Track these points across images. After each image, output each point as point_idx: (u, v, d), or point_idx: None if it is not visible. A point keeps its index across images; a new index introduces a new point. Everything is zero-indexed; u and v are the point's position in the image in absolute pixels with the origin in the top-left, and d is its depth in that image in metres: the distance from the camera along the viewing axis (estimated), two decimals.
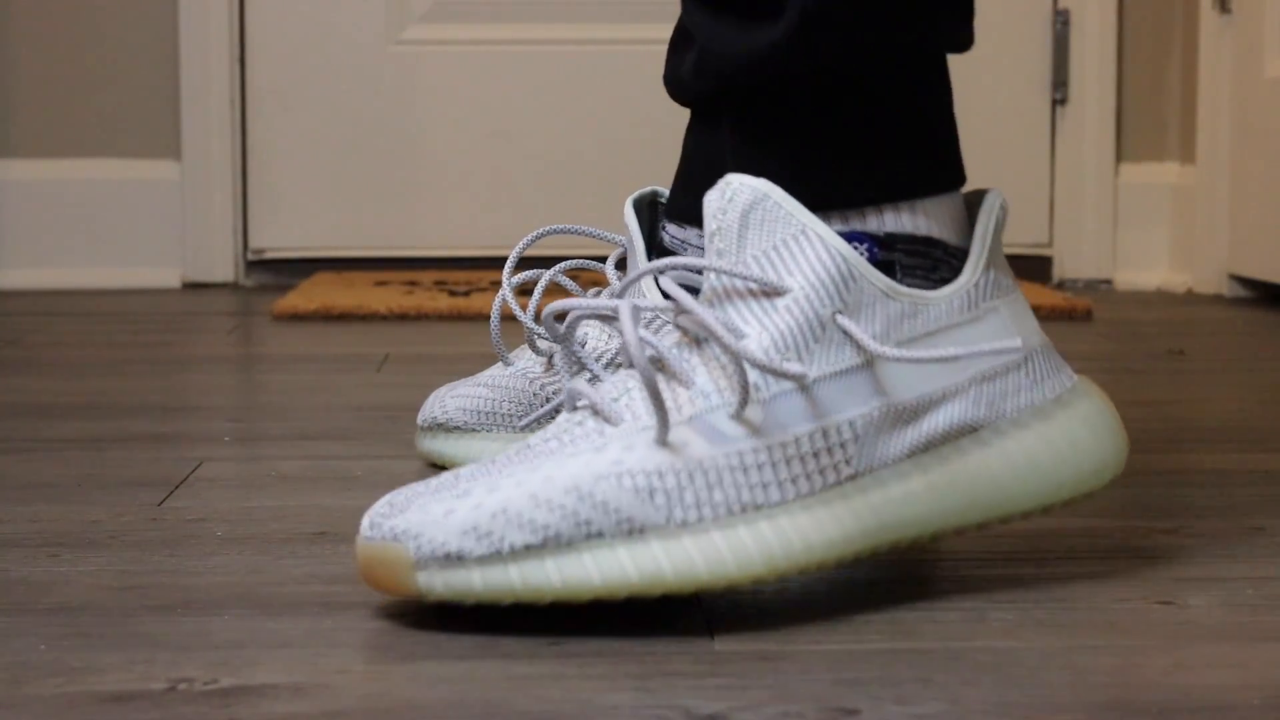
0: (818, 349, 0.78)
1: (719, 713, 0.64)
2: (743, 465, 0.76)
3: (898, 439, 0.79)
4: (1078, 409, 0.84)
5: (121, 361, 1.69)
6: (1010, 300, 0.84)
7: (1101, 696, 0.67)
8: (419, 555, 0.74)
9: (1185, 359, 1.73)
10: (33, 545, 0.90)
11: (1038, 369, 0.84)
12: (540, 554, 0.74)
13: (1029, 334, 0.84)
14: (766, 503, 0.76)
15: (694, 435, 0.76)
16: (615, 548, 0.74)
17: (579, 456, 0.76)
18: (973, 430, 0.81)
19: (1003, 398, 0.82)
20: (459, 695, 0.67)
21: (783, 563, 0.76)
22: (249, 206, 2.52)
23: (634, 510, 0.74)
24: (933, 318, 0.80)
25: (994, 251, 0.84)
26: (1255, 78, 2.26)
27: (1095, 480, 0.85)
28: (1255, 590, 0.82)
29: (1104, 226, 2.53)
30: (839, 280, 0.78)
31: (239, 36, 2.50)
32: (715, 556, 0.75)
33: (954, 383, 0.81)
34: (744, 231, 0.78)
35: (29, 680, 0.68)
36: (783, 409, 0.77)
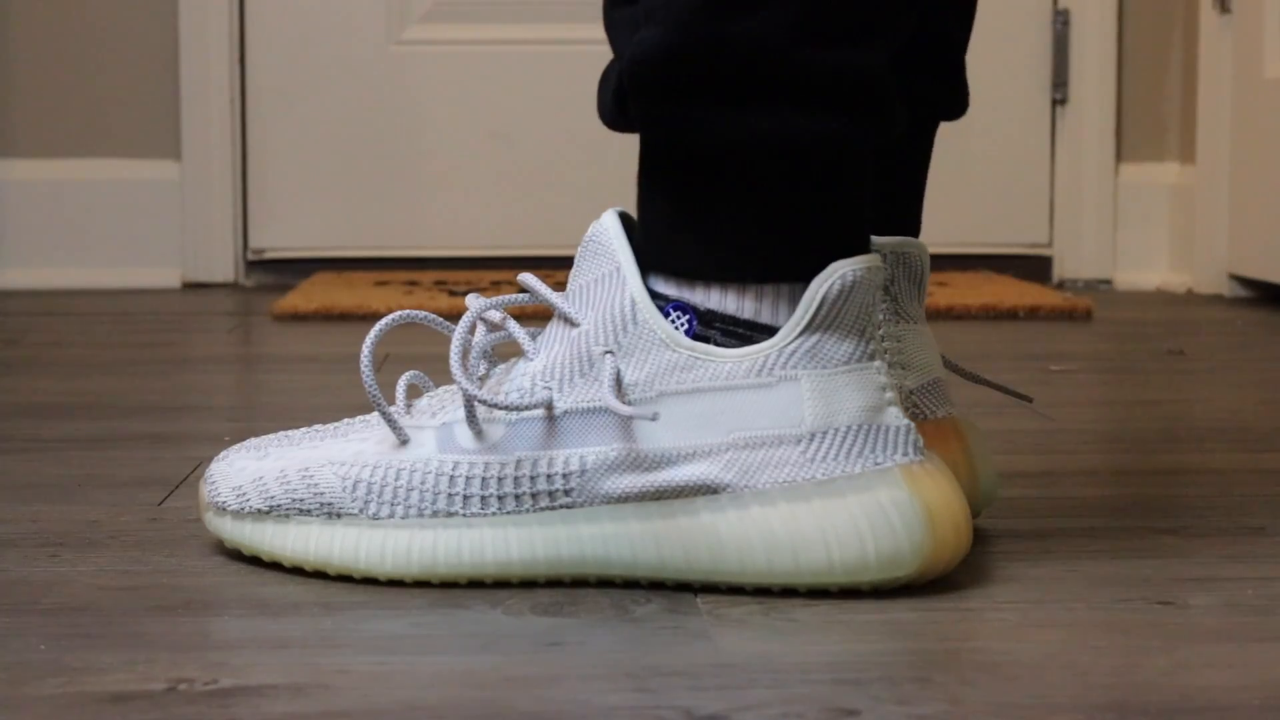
0: (580, 383, 0.81)
1: (719, 713, 0.64)
2: (453, 473, 0.82)
3: (628, 481, 0.80)
4: (855, 497, 0.79)
5: (121, 362, 1.68)
6: (827, 374, 0.80)
7: (1102, 697, 0.67)
8: (208, 499, 0.88)
9: (1185, 359, 1.73)
10: (32, 545, 0.90)
11: (821, 449, 0.79)
12: (265, 519, 0.85)
13: (835, 413, 0.80)
14: (462, 511, 0.82)
15: (431, 439, 0.83)
16: (313, 526, 0.84)
17: (342, 442, 0.86)
18: (713, 492, 0.80)
19: (761, 468, 0.79)
20: (459, 695, 0.67)
21: (443, 569, 0.82)
22: (249, 206, 2.52)
23: (336, 497, 0.84)
24: (710, 375, 0.80)
25: (829, 321, 0.80)
26: (1255, 78, 2.26)
27: (866, 575, 0.79)
28: (1256, 590, 0.82)
29: (1104, 226, 2.53)
30: (621, 321, 0.81)
31: (239, 36, 2.50)
32: (377, 550, 0.82)
33: (711, 441, 0.80)
34: (582, 260, 0.83)
35: (29, 680, 0.68)
36: (523, 432, 0.81)
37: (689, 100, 0.80)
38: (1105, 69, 2.52)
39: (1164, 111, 2.53)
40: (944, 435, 0.89)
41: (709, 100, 0.79)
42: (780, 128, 0.79)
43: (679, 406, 0.80)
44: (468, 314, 0.84)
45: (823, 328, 0.80)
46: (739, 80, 0.79)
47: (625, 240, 0.82)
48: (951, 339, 1.81)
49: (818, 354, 0.80)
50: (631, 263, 0.81)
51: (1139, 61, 2.53)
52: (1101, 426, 1.37)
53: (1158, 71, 2.53)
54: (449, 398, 0.85)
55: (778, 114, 0.79)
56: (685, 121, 0.80)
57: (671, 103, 0.80)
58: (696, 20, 0.79)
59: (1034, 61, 2.52)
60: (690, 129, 0.80)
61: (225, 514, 0.86)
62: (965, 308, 2.06)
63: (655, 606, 0.78)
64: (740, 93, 0.79)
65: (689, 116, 0.80)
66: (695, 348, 0.80)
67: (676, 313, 0.82)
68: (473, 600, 0.79)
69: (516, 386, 0.82)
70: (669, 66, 0.79)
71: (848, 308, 0.80)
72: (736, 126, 0.79)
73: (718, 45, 0.79)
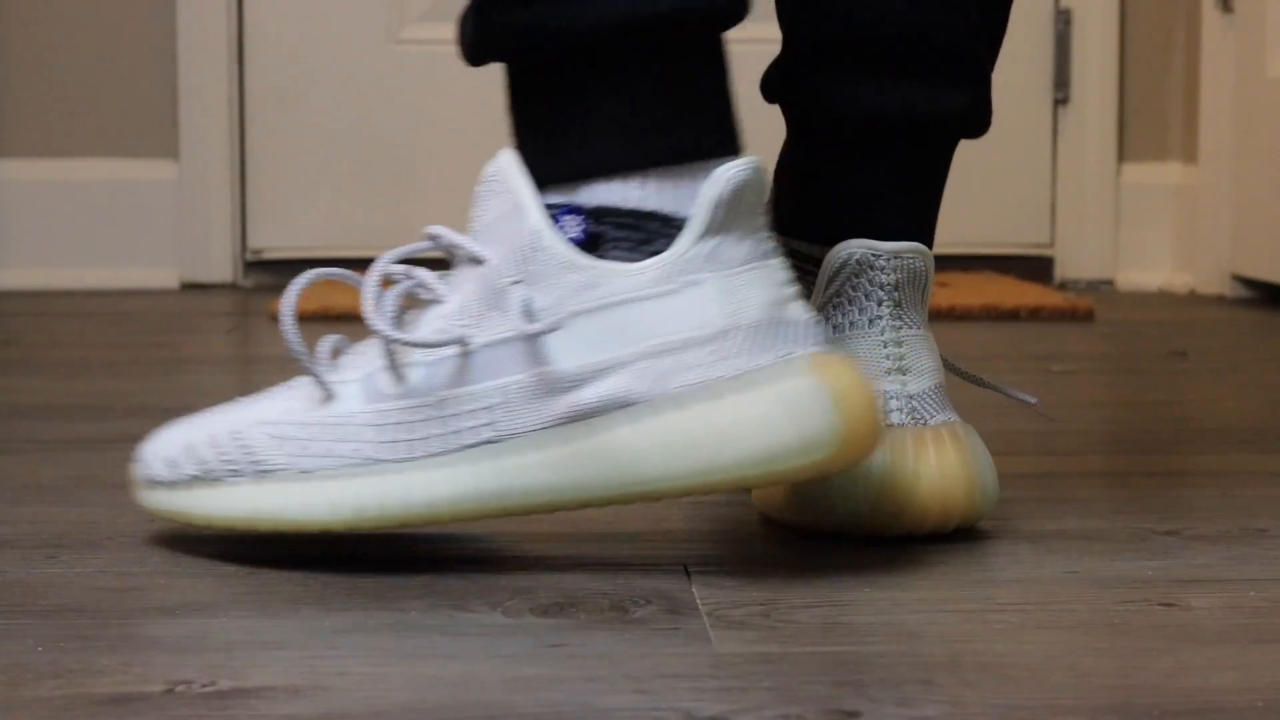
0: (494, 315, 0.82)
1: (719, 715, 0.64)
2: (380, 423, 0.83)
3: (547, 407, 0.81)
4: (766, 389, 0.80)
5: (120, 362, 1.68)
6: (729, 274, 0.81)
7: (1103, 699, 0.67)
8: (140, 475, 0.88)
9: (1187, 360, 1.73)
10: (30, 546, 0.90)
11: (727, 347, 0.80)
12: (196, 485, 0.85)
13: (740, 311, 0.81)
14: (391, 458, 0.82)
15: (358, 392, 0.84)
16: (243, 486, 0.84)
17: (269, 402, 0.87)
18: (628, 405, 0.80)
19: (671, 373, 0.80)
20: (458, 697, 0.67)
21: (374, 514, 0.82)
22: (247, 206, 2.52)
23: (266, 455, 0.84)
24: (615, 290, 0.81)
25: (726, 224, 0.81)
26: (1258, 77, 2.26)
27: (786, 462, 0.80)
28: (1258, 592, 0.82)
29: (1106, 227, 2.53)
30: (525, 252, 0.82)
31: (237, 36, 2.50)
32: (306, 502, 0.83)
33: (621, 354, 0.81)
34: (482, 202, 0.85)
35: (26, 682, 0.68)
36: (441, 371, 0.82)
37: None
38: (1107, 69, 2.52)
39: (1166, 111, 2.53)
40: (943, 441, 0.89)
41: None
42: (633, 7, 0.80)
43: (589, 324, 0.81)
44: (378, 262, 0.85)
45: (719, 230, 0.81)
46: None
47: (521, 173, 0.83)
48: (953, 340, 1.80)
49: (717, 256, 0.81)
50: (529, 193, 0.83)
51: (1141, 61, 2.53)
52: (1103, 427, 1.37)
53: (1160, 71, 2.53)
54: (368, 350, 0.86)
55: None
56: (545, 21, 0.81)
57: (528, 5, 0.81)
58: None
59: (1036, 61, 2.51)
60: (548, 25, 0.81)
61: (158, 486, 0.87)
62: (967, 308, 2.06)
63: (655, 608, 0.78)
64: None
65: (548, 14, 0.81)
66: (598, 266, 0.81)
67: (567, 217, 0.83)
68: (472, 601, 0.79)
69: (431, 329, 0.83)
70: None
71: (740, 208, 0.81)
72: (590, 12, 0.81)
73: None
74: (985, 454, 0.91)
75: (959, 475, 0.88)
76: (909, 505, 0.88)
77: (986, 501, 0.91)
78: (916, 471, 0.88)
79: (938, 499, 0.88)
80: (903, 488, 0.88)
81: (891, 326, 0.91)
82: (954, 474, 0.88)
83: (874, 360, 0.90)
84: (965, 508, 0.89)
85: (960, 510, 0.89)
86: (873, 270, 0.91)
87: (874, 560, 0.87)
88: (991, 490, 0.91)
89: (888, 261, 0.90)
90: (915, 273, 0.92)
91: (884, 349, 0.90)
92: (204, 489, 0.86)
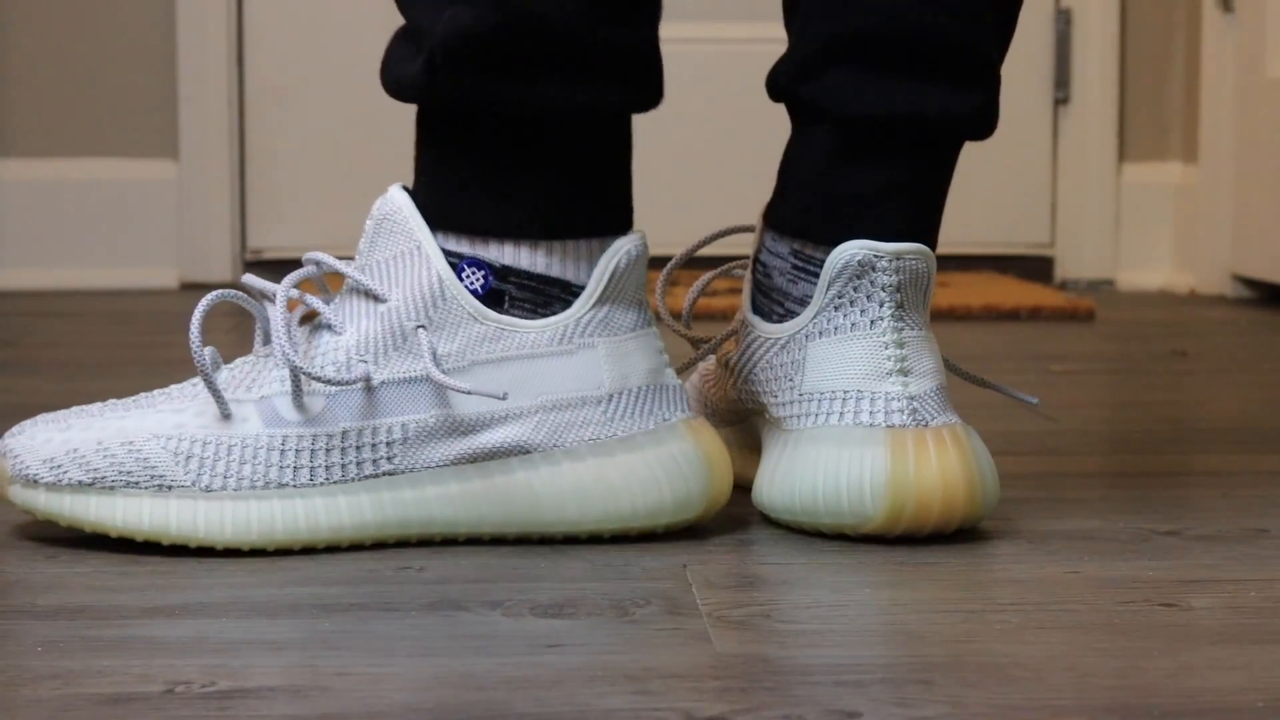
0: (395, 356, 0.88)
1: (719, 715, 0.64)
2: (282, 447, 0.87)
3: (447, 447, 0.88)
4: (651, 451, 0.89)
5: (119, 362, 1.68)
6: (618, 340, 0.89)
7: (1104, 699, 0.67)
8: (13, 472, 0.89)
9: (1188, 360, 1.73)
10: (30, 547, 0.90)
11: (619, 408, 0.89)
12: (87, 491, 0.87)
13: (628, 375, 0.89)
14: (293, 483, 0.87)
15: (255, 414, 0.88)
16: (143, 498, 0.87)
17: (156, 414, 0.89)
18: (525, 452, 0.88)
19: (567, 428, 0.88)
20: (458, 698, 0.67)
21: (281, 536, 0.87)
22: (247, 206, 2.52)
23: (167, 470, 0.87)
24: (516, 344, 0.88)
25: (617, 293, 0.89)
26: (1258, 77, 2.26)
27: (665, 518, 0.90)
28: (1258, 592, 0.82)
29: (1106, 226, 2.53)
30: (430, 298, 0.88)
31: (237, 36, 2.50)
32: (217, 520, 0.87)
33: (520, 405, 0.88)
34: (376, 238, 0.90)
35: (26, 682, 0.68)
36: (344, 403, 0.87)
37: (498, 73, 0.87)
38: (1107, 68, 2.52)
39: (1167, 111, 2.53)
40: (944, 442, 0.89)
41: (513, 75, 0.87)
42: (571, 98, 0.87)
43: (489, 374, 0.88)
44: (282, 291, 0.88)
45: (612, 299, 0.89)
46: (541, 56, 0.87)
47: (421, 218, 0.89)
48: (953, 339, 1.80)
49: (609, 323, 0.89)
50: (432, 241, 0.88)
51: (1141, 61, 2.53)
52: (1104, 427, 1.37)
53: (1160, 71, 2.53)
54: (257, 370, 0.89)
55: (569, 86, 0.87)
56: (493, 92, 0.87)
57: (482, 75, 0.87)
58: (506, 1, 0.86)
59: (1036, 61, 2.51)
60: (496, 101, 0.87)
61: (38, 486, 0.88)
62: (967, 308, 2.06)
63: (655, 608, 0.78)
64: (540, 67, 0.87)
65: (495, 89, 0.87)
66: (502, 320, 0.88)
67: (471, 269, 0.89)
68: (471, 602, 0.79)
69: (331, 360, 0.88)
70: (477, 44, 0.86)
71: (629, 279, 0.90)
72: (536, 97, 0.87)
73: (525, 23, 0.86)
74: (986, 455, 0.91)
75: (959, 477, 0.89)
76: (910, 506, 0.88)
77: (987, 503, 0.91)
78: (918, 473, 0.88)
79: (939, 500, 0.88)
80: (904, 489, 0.88)
81: (893, 328, 0.91)
82: (955, 476, 0.88)
83: (875, 362, 0.90)
84: (966, 509, 0.89)
85: (961, 511, 0.89)
86: (874, 271, 0.91)
87: (874, 560, 0.87)
88: (992, 491, 0.91)
89: (890, 263, 0.90)
90: (917, 274, 0.92)
91: (885, 350, 0.90)
92: (96, 496, 0.88)
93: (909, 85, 0.91)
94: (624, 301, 0.90)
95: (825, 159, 0.93)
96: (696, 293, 1.03)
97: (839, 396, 0.91)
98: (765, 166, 1.03)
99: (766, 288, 0.96)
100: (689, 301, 1.04)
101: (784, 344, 0.93)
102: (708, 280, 1.02)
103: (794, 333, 0.93)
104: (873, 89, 0.91)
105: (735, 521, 0.95)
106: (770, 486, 0.93)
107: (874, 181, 0.92)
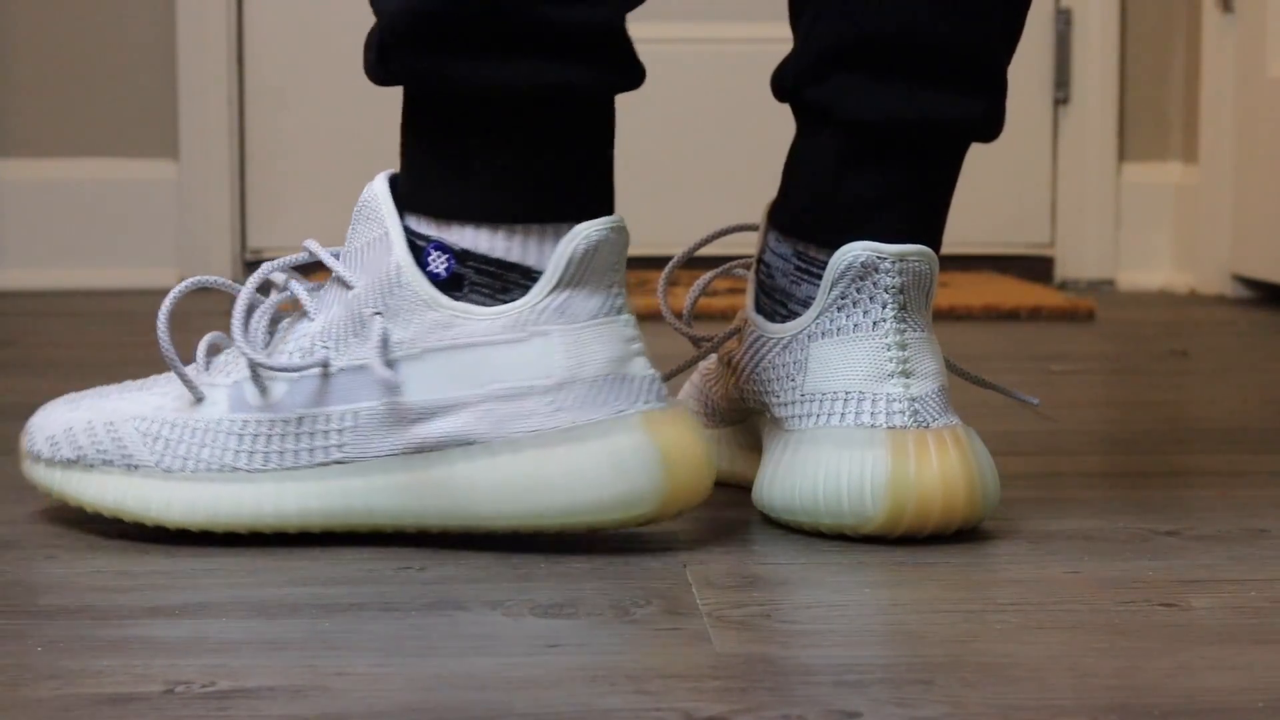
0: (355, 342, 0.88)
1: (719, 715, 0.64)
2: (240, 432, 0.88)
3: (395, 436, 0.87)
4: (596, 443, 0.86)
5: (119, 362, 1.68)
6: (577, 328, 0.86)
7: (1104, 699, 0.67)
8: (26, 448, 0.94)
9: (1188, 360, 1.73)
10: (30, 547, 0.90)
11: (566, 400, 0.86)
12: (73, 468, 0.91)
13: (583, 364, 0.86)
14: (246, 467, 0.88)
15: (224, 398, 0.90)
16: (113, 476, 0.90)
17: (145, 396, 0.92)
18: (468, 443, 0.86)
19: (513, 419, 0.86)
20: (458, 698, 0.67)
21: (225, 519, 0.88)
22: (247, 206, 2.52)
23: (135, 450, 0.90)
24: (469, 332, 0.86)
25: (578, 279, 0.86)
26: (1258, 77, 2.26)
27: (609, 514, 0.86)
28: (1259, 592, 0.82)
29: (1106, 226, 2.53)
30: (388, 285, 0.87)
31: (237, 35, 2.50)
32: (167, 500, 0.89)
33: (467, 394, 0.86)
34: (355, 225, 0.90)
35: (26, 683, 0.68)
36: (302, 390, 0.88)
37: (440, 53, 0.86)
38: (1107, 68, 2.52)
39: (1167, 111, 2.53)
40: (945, 444, 0.89)
41: (458, 52, 0.86)
42: (521, 77, 0.86)
43: (441, 361, 0.86)
44: (255, 275, 0.91)
45: (571, 285, 0.86)
46: (483, 33, 0.85)
47: (392, 205, 0.88)
48: (953, 339, 1.80)
49: (566, 310, 0.86)
50: (397, 227, 0.88)
51: (1141, 61, 2.53)
52: (1104, 428, 1.37)
53: (1160, 71, 2.53)
54: (237, 356, 0.91)
55: (519, 65, 0.85)
56: (439, 72, 0.86)
57: (426, 55, 0.86)
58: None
59: (1036, 61, 2.51)
60: (444, 79, 0.86)
61: (39, 461, 0.92)
62: (967, 308, 2.06)
63: (655, 608, 0.78)
64: (485, 45, 0.85)
65: (442, 68, 0.86)
66: (455, 307, 0.86)
67: (437, 253, 0.88)
68: (471, 602, 0.79)
69: (298, 346, 0.89)
70: (420, 22, 0.86)
71: (594, 266, 0.86)
72: (483, 76, 0.86)
73: (469, 1, 0.85)
74: (987, 457, 0.91)
75: (960, 478, 0.89)
76: (911, 507, 0.88)
77: (988, 504, 0.91)
78: (919, 474, 0.88)
79: (939, 501, 0.88)
80: (905, 490, 0.88)
81: (895, 330, 0.91)
82: (955, 477, 0.88)
83: (878, 363, 0.90)
84: (966, 510, 0.89)
85: (961, 513, 0.89)
86: (877, 273, 0.91)
87: (874, 560, 0.87)
88: (993, 493, 0.91)
89: (893, 264, 0.90)
90: (920, 276, 0.92)
91: (887, 352, 0.91)
92: (78, 473, 0.91)
93: (915, 90, 0.91)
94: (586, 288, 0.87)
95: (830, 162, 0.93)
96: (698, 292, 1.03)
97: (840, 397, 0.91)
98: (766, 166, 1.03)
99: (769, 288, 0.96)
100: (690, 300, 1.04)
101: (786, 344, 0.93)
102: (709, 279, 1.02)
103: (796, 333, 0.93)
104: (879, 94, 0.91)
105: (735, 521, 0.95)
106: (771, 486, 0.93)
107: (878, 185, 0.92)
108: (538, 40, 0.85)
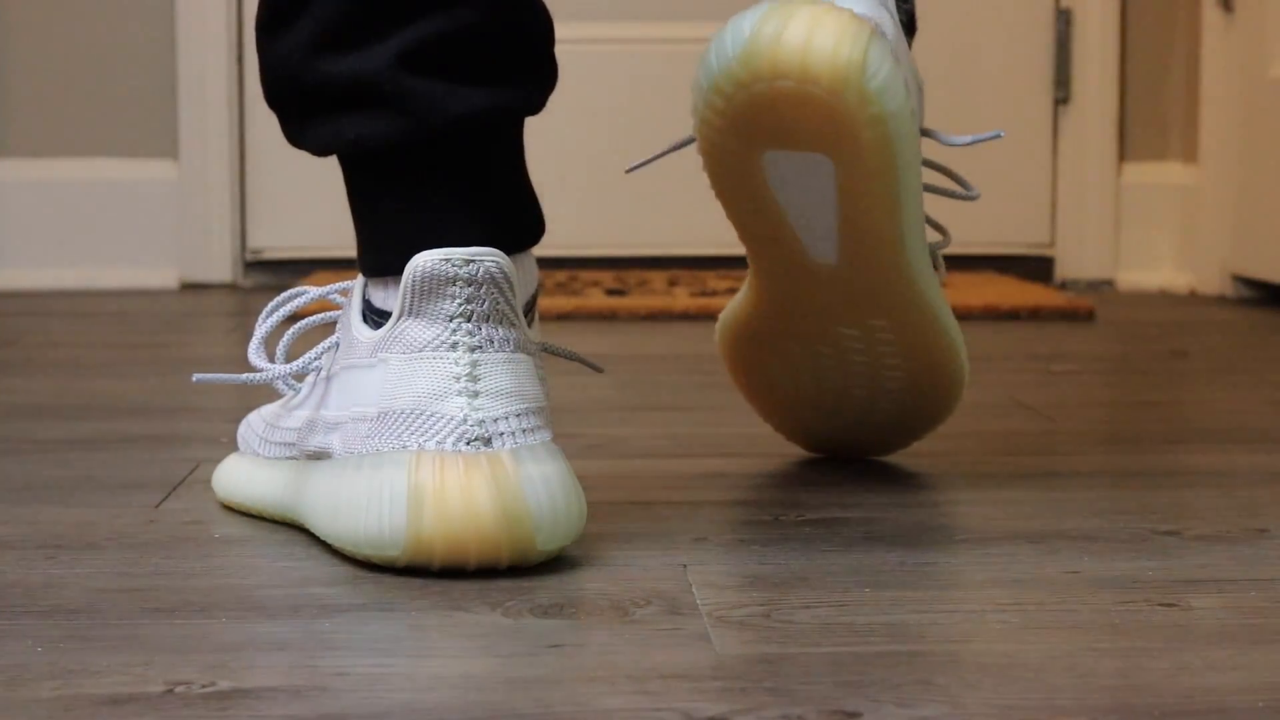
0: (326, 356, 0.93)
1: (719, 715, 0.64)
2: (266, 428, 0.99)
3: (311, 440, 0.92)
4: (367, 476, 0.84)
5: (118, 362, 1.68)
6: (406, 359, 0.85)
7: (1104, 699, 0.67)
8: None
9: (1188, 360, 1.73)
10: (29, 547, 0.90)
11: (376, 427, 0.85)
12: None
13: (397, 396, 0.85)
14: (266, 455, 0.98)
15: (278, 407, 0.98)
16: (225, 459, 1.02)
17: None
18: (325, 456, 0.90)
19: (350, 440, 0.88)
20: (458, 698, 0.67)
21: (231, 494, 0.99)
22: (247, 206, 2.52)
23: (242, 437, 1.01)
24: (354, 355, 0.89)
25: (413, 309, 0.85)
26: (1259, 77, 2.26)
27: (364, 549, 0.84)
28: (1259, 592, 0.82)
29: (1106, 226, 2.53)
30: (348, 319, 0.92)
31: (237, 35, 2.50)
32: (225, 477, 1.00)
33: (341, 414, 0.89)
34: None
35: (25, 683, 0.68)
36: (301, 394, 0.96)
37: (295, 119, 0.92)
38: (1108, 68, 2.52)
39: (1167, 111, 2.53)
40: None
41: (290, 117, 0.92)
42: (332, 136, 0.89)
43: (337, 382, 0.90)
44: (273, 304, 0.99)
45: (410, 315, 0.86)
46: (289, 98, 0.91)
47: None
48: None
49: (402, 339, 0.86)
50: (361, 277, 0.92)
51: (1142, 61, 2.53)
52: (1103, 427, 1.37)
53: (1161, 70, 2.53)
54: None
55: (325, 123, 0.90)
56: (291, 137, 0.92)
57: (291, 122, 0.92)
58: (260, 48, 0.91)
59: (1036, 61, 2.51)
60: (298, 143, 0.92)
61: None
62: (967, 308, 2.06)
63: (655, 608, 0.78)
64: (296, 108, 0.91)
65: (290, 132, 0.92)
66: (352, 329, 0.90)
67: None
68: (471, 602, 0.79)
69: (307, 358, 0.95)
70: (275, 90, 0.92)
71: (428, 297, 0.85)
72: (310, 137, 0.91)
73: (268, 69, 0.91)
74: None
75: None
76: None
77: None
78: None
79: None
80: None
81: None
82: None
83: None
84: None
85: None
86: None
87: (874, 561, 0.87)
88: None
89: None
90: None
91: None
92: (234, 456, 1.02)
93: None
94: (423, 319, 0.85)
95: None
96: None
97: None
98: None
99: None
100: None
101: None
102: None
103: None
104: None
105: (735, 521, 0.95)
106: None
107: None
108: (324, 97, 0.89)
